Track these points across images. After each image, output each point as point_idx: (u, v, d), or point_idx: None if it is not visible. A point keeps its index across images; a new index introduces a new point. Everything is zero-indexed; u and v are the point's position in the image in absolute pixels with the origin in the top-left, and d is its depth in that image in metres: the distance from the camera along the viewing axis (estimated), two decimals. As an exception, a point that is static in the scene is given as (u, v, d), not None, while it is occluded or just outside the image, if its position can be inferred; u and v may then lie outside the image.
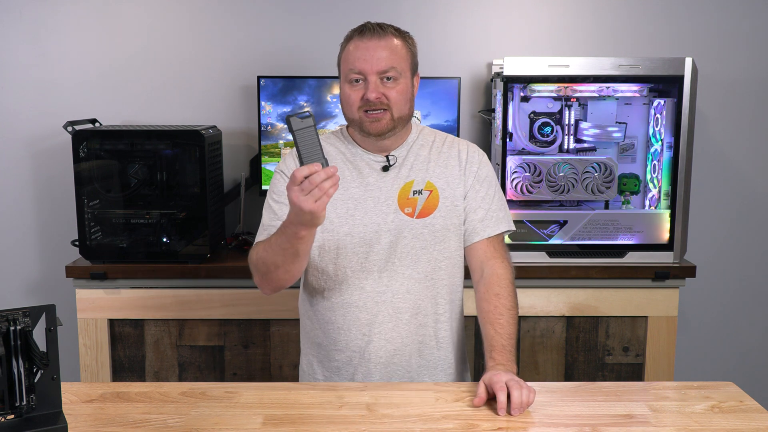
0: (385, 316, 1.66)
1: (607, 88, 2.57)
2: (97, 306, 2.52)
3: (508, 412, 1.41)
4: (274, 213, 1.67)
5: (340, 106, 1.70)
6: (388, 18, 2.79)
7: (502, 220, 1.72)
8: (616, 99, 2.60)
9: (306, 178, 1.34)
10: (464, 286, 1.78)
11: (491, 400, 1.45)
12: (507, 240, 2.52)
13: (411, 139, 1.72)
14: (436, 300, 1.69)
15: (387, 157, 1.69)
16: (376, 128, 1.62)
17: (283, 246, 1.50)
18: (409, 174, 1.68)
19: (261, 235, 1.66)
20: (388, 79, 1.61)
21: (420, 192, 1.67)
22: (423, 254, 1.66)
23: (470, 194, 1.70)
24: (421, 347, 1.69)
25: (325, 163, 1.35)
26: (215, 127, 2.72)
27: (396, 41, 1.63)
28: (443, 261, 1.69)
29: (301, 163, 1.35)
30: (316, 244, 1.67)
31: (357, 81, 1.61)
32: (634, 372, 2.60)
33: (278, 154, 2.70)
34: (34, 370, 1.29)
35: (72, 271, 2.51)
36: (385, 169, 1.68)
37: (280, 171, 1.72)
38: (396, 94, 1.61)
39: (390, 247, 1.65)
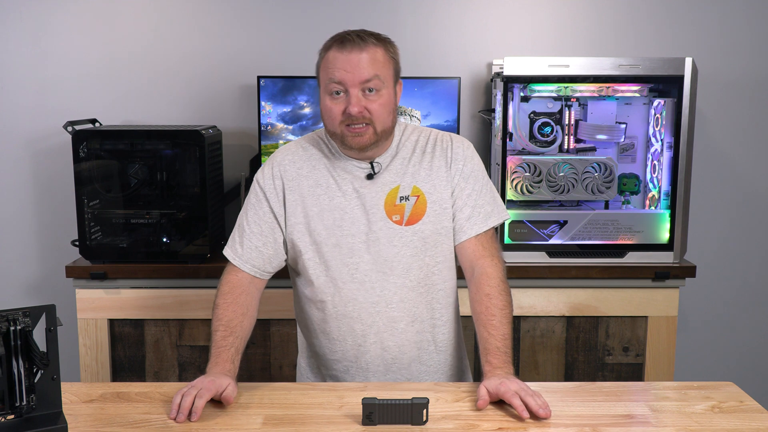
0: (381, 326, 1.64)
1: (607, 88, 2.57)
2: (97, 306, 2.52)
3: (533, 417, 1.40)
4: (243, 229, 1.69)
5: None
6: (387, 18, 2.81)
7: (490, 215, 1.68)
8: (616, 99, 2.60)
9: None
10: (458, 286, 1.77)
11: (493, 403, 1.45)
12: (507, 240, 2.53)
13: (395, 143, 1.68)
14: (432, 305, 1.67)
15: (371, 164, 1.65)
16: (358, 143, 1.58)
17: None
18: (394, 179, 1.64)
19: (228, 248, 1.71)
20: (371, 90, 1.55)
21: (407, 198, 1.63)
22: (414, 261, 1.63)
23: (456, 192, 1.66)
24: (420, 353, 1.68)
25: None
26: (215, 127, 2.72)
27: (377, 50, 1.56)
28: (436, 266, 1.66)
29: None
30: (307, 256, 1.65)
31: (338, 93, 1.56)
32: (634, 372, 2.60)
33: (278, 154, 2.70)
34: (34, 370, 1.29)
35: (72, 271, 2.51)
36: (370, 177, 1.64)
37: (256, 181, 1.70)
38: (378, 107, 1.56)
39: (380, 256, 1.62)
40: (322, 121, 1.63)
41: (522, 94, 2.57)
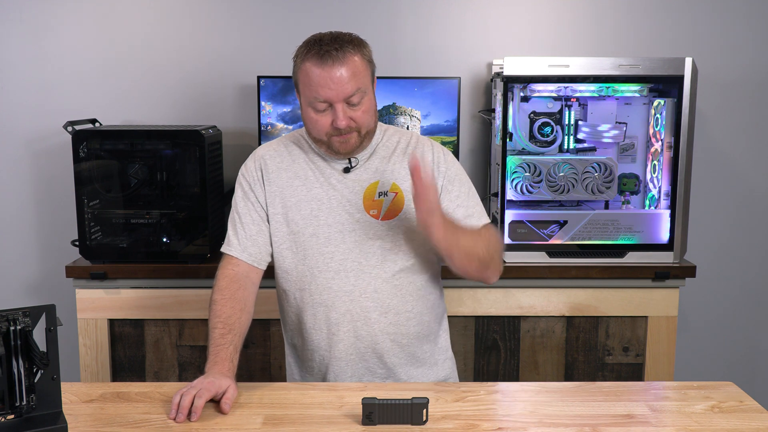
0: (354, 315, 1.67)
1: (607, 88, 2.57)
2: (97, 306, 2.52)
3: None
4: (235, 221, 1.72)
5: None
6: (387, 18, 2.81)
7: (482, 215, 1.74)
8: (616, 99, 2.60)
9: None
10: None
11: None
12: (507, 239, 2.53)
13: (375, 141, 1.72)
14: (405, 298, 1.70)
15: (349, 159, 1.70)
16: (346, 149, 1.64)
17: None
18: (373, 176, 1.69)
19: (224, 244, 1.74)
20: (354, 103, 1.60)
21: (385, 194, 1.68)
22: (389, 255, 1.67)
23: (443, 195, 1.70)
24: (393, 345, 1.70)
25: None
26: (215, 127, 2.72)
27: (356, 58, 1.58)
28: (410, 261, 1.70)
29: None
30: (284, 246, 1.70)
31: (323, 110, 1.60)
32: (634, 372, 2.60)
33: (278, 154, 2.70)
34: (34, 370, 1.29)
35: (72, 271, 2.51)
36: (347, 170, 1.69)
37: (240, 174, 1.75)
38: (362, 114, 1.61)
39: (356, 247, 1.67)
40: (306, 128, 1.68)
41: (522, 94, 2.57)
